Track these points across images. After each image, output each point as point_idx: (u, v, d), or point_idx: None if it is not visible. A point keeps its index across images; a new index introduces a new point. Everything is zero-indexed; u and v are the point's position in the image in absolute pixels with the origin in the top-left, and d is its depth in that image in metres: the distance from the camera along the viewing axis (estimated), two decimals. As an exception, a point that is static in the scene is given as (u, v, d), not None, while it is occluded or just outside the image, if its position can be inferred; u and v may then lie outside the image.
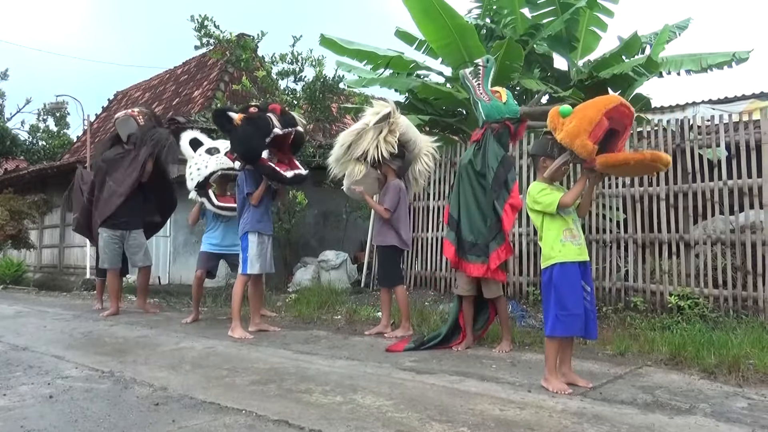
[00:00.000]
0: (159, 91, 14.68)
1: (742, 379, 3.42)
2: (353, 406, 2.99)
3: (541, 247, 3.49)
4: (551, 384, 3.25)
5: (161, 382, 3.52)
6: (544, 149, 3.47)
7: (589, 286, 3.37)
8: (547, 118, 3.42)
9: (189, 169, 6.13)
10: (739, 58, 7.19)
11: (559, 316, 3.25)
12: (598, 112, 3.14)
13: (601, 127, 3.13)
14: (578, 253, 3.35)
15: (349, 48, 8.03)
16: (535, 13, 7.86)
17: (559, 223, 3.36)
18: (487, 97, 4.44)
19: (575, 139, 3.13)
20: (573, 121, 3.16)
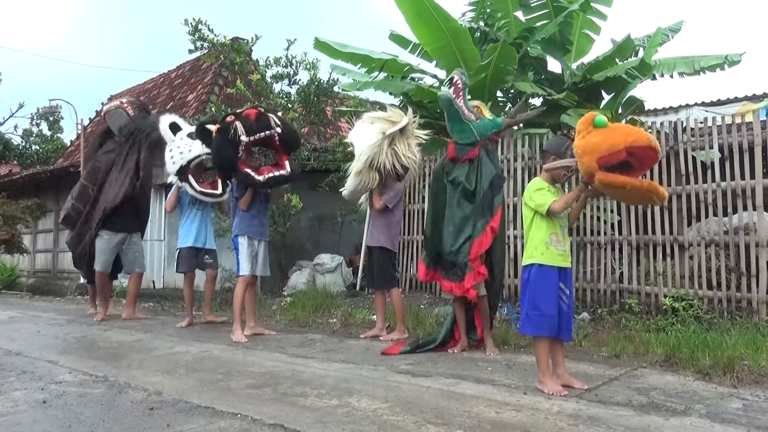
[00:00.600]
0: (153, 95, 14.64)
1: (737, 380, 3.43)
2: (349, 409, 2.98)
3: (525, 243, 3.50)
4: (546, 386, 3.25)
5: (156, 386, 3.50)
6: (557, 149, 3.47)
7: (569, 289, 3.37)
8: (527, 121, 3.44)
9: (170, 152, 6.05)
10: (732, 61, 7.23)
11: (529, 314, 3.31)
12: (622, 142, 3.07)
13: (616, 157, 3.08)
14: (561, 259, 3.36)
15: (344, 51, 8.03)
16: (529, 16, 7.88)
17: (548, 226, 3.36)
18: (475, 115, 4.44)
19: (585, 155, 3.11)
20: (598, 137, 3.10)
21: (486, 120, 4.49)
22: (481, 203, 4.41)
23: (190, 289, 6.27)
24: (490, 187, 4.43)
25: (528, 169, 6.59)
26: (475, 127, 4.42)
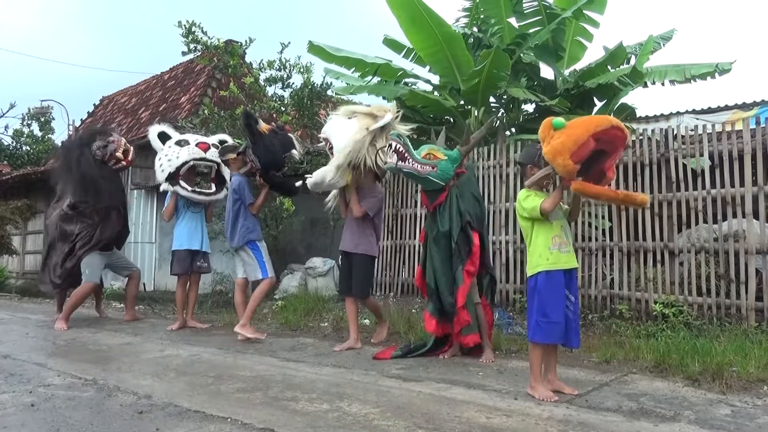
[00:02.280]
0: (146, 97, 14.59)
1: (726, 386, 3.45)
2: (339, 413, 2.98)
3: (527, 254, 3.49)
4: (537, 391, 3.27)
5: (145, 389, 3.48)
6: (531, 158, 3.52)
7: (573, 295, 3.38)
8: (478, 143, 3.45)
9: (159, 161, 6.12)
10: (722, 69, 7.30)
11: (539, 322, 3.29)
12: (585, 132, 3.10)
13: (586, 148, 3.11)
14: (566, 260, 3.36)
15: (337, 55, 8.05)
16: (522, 22, 7.93)
17: (548, 230, 3.38)
18: (431, 166, 4.35)
19: (557, 157, 3.12)
20: (561, 137, 3.14)
21: (443, 162, 4.39)
22: (458, 248, 4.39)
23: (183, 291, 6.25)
24: (462, 230, 4.40)
25: (520, 175, 6.60)
26: (435, 176, 4.38)
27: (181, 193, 6.09)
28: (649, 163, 5.69)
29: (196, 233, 6.24)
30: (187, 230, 6.21)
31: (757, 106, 10.22)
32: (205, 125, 8.79)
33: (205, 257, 6.35)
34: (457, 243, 4.39)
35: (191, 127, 8.74)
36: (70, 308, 6.35)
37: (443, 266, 4.47)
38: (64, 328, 6.06)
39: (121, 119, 14.54)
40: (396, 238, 7.77)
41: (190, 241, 6.19)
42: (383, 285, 7.78)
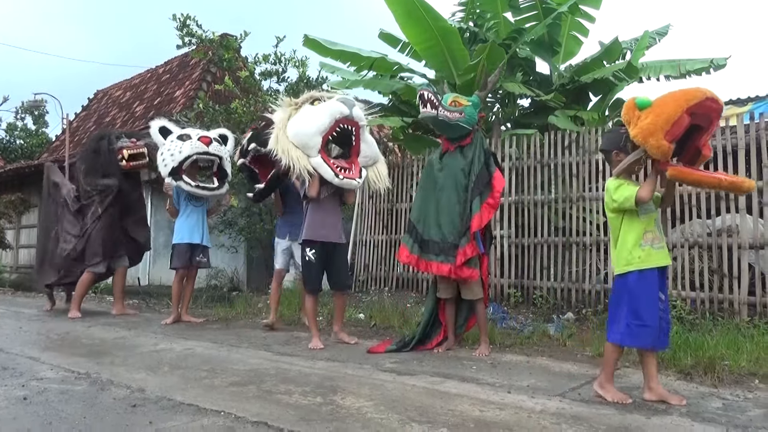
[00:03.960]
0: (140, 91, 14.53)
1: (717, 379, 3.47)
2: (333, 407, 2.98)
3: (614, 249, 3.19)
4: (608, 392, 3.05)
5: (139, 383, 3.48)
6: (616, 143, 3.19)
7: (665, 294, 3.12)
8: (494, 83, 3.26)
9: (161, 156, 6.10)
10: (717, 65, 7.32)
11: (631, 325, 3.00)
12: (678, 108, 2.82)
13: (680, 125, 2.83)
14: (660, 257, 3.08)
15: (333, 49, 8.03)
16: (518, 17, 7.92)
17: (640, 225, 3.08)
18: (458, 113, 4.47)
19: (649, 138, 2.84)
20: (649, 117, 2.86)
21: (468, 108, 4.52)
22: (478, 180, 4.44)
23: (180, 286, 6.22)
24: (485, 165, 4.49)
25: (516, 169, 6.62)
26: (463, 121, 4.49)
27: (185, 188, 6.07)
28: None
29: (197, 227, 6.23)
30: (188, 224, 6.19)
31: (752, 101, 10.24)
32: (199, 119, 8.77)
33: (205, 252, 6.34)
34: (477, 176, 4.44)
35: (186, 121, 8.71)
36: (78, 297, 6.61)
37: (449, 203, 4.47)
38: (78, 316, 6.40)
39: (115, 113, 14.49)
40: (390, 232, 7.77)
41: (191, 234, 6.18)
42: (379, 279, 7.79)
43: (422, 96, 4.50)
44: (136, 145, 6.70)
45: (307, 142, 4.60)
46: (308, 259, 4.80)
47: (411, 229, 4.70)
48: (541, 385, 3.45)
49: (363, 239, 8.09)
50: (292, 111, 4.78)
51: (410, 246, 4.63)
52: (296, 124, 4.66)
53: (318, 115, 4.63)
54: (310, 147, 4.61)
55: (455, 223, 4.44)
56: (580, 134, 6.22)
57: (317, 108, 4.71)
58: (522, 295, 6.30)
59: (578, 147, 6.18)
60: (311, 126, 4.60)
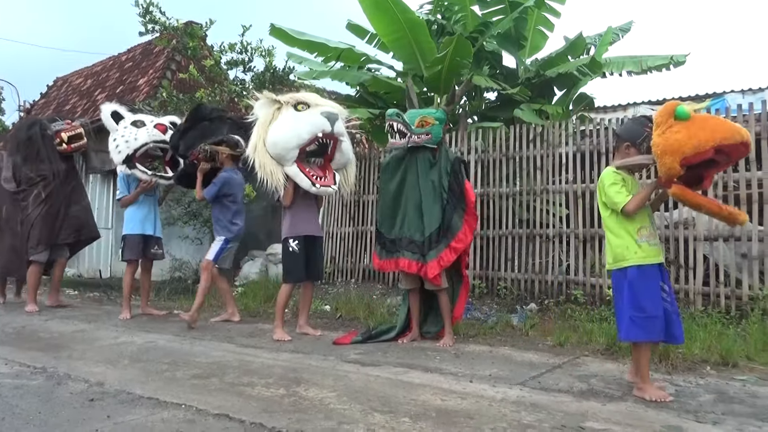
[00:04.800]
0: (102, 78, 14.14)
1: (671, 367, 3.58)
2: (296, 398, 2.97)
3: (608, 244, 3.15)
4: (647, 392, 2.95)
5: (97, 377, 3.41)
6: (633, 137, 3.07)
7: (668, 285, 3.07)
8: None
9: (114, 141, 5.90)
10: (677, 62, 7.48)
11: (634, 318, 2.94)
12: (710, 140, 2.70)
13: (702, 157, 2.75)
14: (656, 254, 3.04)
15: (300, 39, 7.94)
16: (485, 10, 7.96)
17: (633, 221, 3.03)
18: (425, 134, 4.58)
19: (667, 155, 2.76)
20: (680, 134, 2.74)
21: (435, 126, 4.62)
22: (451, 193, 4.55)
23: (132, 278, 6.03)
24: (453, 175, 4.59)
25: (481, 161, 6.68)
26: (430, 142, 4.63)
27: (140, 177, 5.92)
28: (606, 152, 5.81)
29: (149, 217, 6.07)
30: (140, 214, 6.02)
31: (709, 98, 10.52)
32: (163, 108, 8.59)
33: (159, 243, 6.20)
34: (449, 190, 4.55)
35: (149, 110, 8.52)
36: (32, 289, 6.34)
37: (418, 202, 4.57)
38: (36, 309, 6.15)
39: (75, 101, 14.10)
40: (357, 224, 7.76)
41: (143, 225, 6.01)
42: (345, 271, 7.79)
43: (391, 126, 4.59)
44: (73, 126, 6.44)
45: (284, 155, 4.61)
46: (292, 250, 4.81)
47: (378, 236, 4.82)
48: (503, 374, 3.51)
49: (330, 231, 8.06)
50: (275, 112, 4.72)
51: (379, 251, 4.76)
52: (276, 134, 4.61)
53: (299, 129, 4.59)
54: (286, 159, 4.63)
55: (430, 225, 4.51)
56: (545, 128, 6.30)
57: (300, 119, 4.62)
58: (486, 286, 6.37)
59: (542, 140, 6.26)
60: (291, 140, 4.58)
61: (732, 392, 3.10)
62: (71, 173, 6.61)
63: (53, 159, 6.38)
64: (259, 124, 4.71)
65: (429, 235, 4.49)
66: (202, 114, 5.66)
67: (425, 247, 4.48)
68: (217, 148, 5.47)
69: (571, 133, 6.13)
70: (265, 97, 4.81)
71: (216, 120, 5.63)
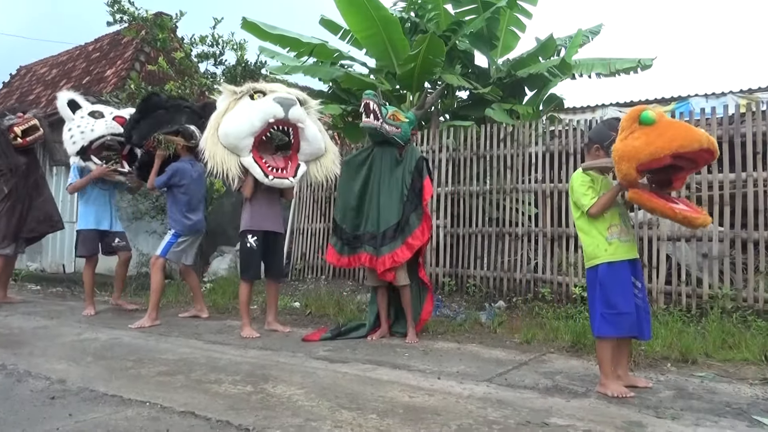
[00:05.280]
0: (68, 68, 13.78)
1: (634, 364, 3.66)
2: (263, 395, 2.96)
3: (583, 242, 3.18)
4: (609, 388, 2.99)
5: (59, 374, 3.34)
6: (602, 139, 3.14)
7: (640, 282, 3.11)
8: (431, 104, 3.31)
9: (70, 131, 5.72)
10: (644, 65, 7.65)
11: (605, 315, 2.99)
12: (665, 149, 2.73)
13: (657, 163, 2.79)
14: (627, 250, 3.07)
15: (272, 33, 7.88)
16: (458, 10, 8.02)
17: (605, 219, 3.08)
18: (395, 127, 4.65)
19: (623, 162, 2.81)
20: (639, 140, 2.78)
21: (404, 124, 4.72)
22: (411, 192, 4.58)
23: (91, 273, 5.87)
24: (418, 173, 4.63)
25: (452, 160, 6.72)
26: (398, 136, 4.68)
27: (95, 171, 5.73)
28: (574, 152, 5.90)
29: (105, 212, 5.89)
30: (95, 209, 5.84)
31: (675, 101, 10.78)
32: (131, 100, 8.42)
33: (121, 236, 6.02)
34: (410, 187, 4.59)
35: (117, 102, 8.35)
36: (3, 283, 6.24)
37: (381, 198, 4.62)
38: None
39: (39, 91, 13.71)
40: (329, 221, 7.74)
41: (98, 220, 5.84)
42: (315, 268, 7.76)
43: (367, 106, 4.55)
44: (25, 119, 6.21)
45: (237, 144, 4.53)
46: (250, 246, 4.74)
47: (336, 229, 4.79)
48: (470, 371, 3.54)
49: (300, 227, 8.03)
50: (231, 103, 4.65)
51: (339, 248, 4.73)
52: (228, 124, 4.55)
53: (250, 116, 4.51)
54: (240, 148, 4.54)
55: (387, 220, 4.55)
56: (516, 127, 6.37)
57: (252, 107, 4.56)
58: (456, 284, 6.43)
59: (513, 140, 6.34)
60: (242, 128, 4.51)
61: (691, 388, 3.19)
62: (32, 166, 6.41)
63: (9, 154, 6.17)
64: (213, 115, 4.66)
65: (384, 230, 4.53)
66: (154, 103, 5.49)
67: (378, 240, 4.52)
68: (171, 138, 5.37)
69: (540, 133, 6.21)
70: (225, 88, 4.76)
71: (172, 109, 5.49)
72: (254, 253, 4.74)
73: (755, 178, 5.01)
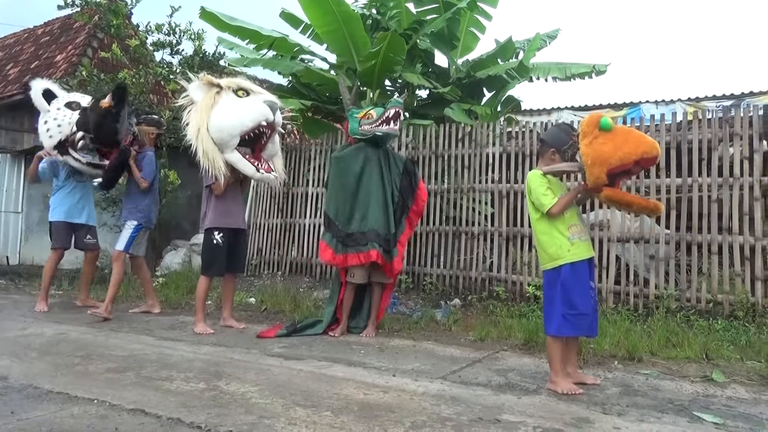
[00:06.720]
0: (15, 52, 13.21)
1: (583, 361, 3.76)
2: (216, 393, 2.91)
3: (538, 243, 3.25)
4: (559, 386, 3.07)
5: (1, 371, 3.21)
6: (559, 144, 3.22)
7: (594, 283, 3.22)
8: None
9: (45, 124, 5.43)
10: (599, 71, 7.86)
11: (566, 315, 3.05)
12: (632, 154, 2.91)
13: (625, 167, 2.96)
14: (587, 249, 3.15)
15: (231, 24, 7.73)
16: (420, 9, 8.05)
17: (565, 219, 3.15)
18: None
19: (596, 166, 2.92)
20: (607, 146, 2.91)
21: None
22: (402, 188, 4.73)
23: (53, 266, 5.61)
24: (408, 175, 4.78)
25: (411, 158, 6.75)
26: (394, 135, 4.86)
27: (73, 165, 5.46)
28: (530, 154, 6.02)
29: (80, 205, 5.65)
30: (69, 201, 5.58)
31: (627, 107, 11.13)
32: (82, 87, 8.13)
33: (92, 231, 5.75)
34: (401, 189, 4.73)
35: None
36: None
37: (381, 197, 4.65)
38: None
39: (-16, 74, 13.10)
40: (286, 216, 7.68)
41: (70, 213, 5.58)
42: (272, 263, 7.68)
43: (398, 114, 4.64)
44: None
45: (227, 141, 4.48)
46: (216, 242, 4.69)
47: (330, 225, 4.71)
48: (425, 368, 3.58)
49: (257, 222, 7.93)
50: (215, 95, 4.54)
51: (335, 246, 4.64)
52: (220, 119, 4.46)
53: (244, 115, 4.48)
54: (229, 145, 4.50)
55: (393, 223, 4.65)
56: (474, 128, 6.45)
57: (243, 105, 4.51)
58: (413, 282, 6.47)
59: (471, 140, 6.41)
60: (235, 125, 4.46)
61: (636, 385, 3.30)
62: None
63: None
64: (199, 108, 4.51)
65: (394, 232, 4.63)
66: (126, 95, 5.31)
67: (390, 243, 4.59)
68: (146, 128, 5.26)
69: (498, 134, 6.31)
70: (202, 79, 4.63)
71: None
72: (220, 249, 4.70)
73: (700, 183, 5.22)
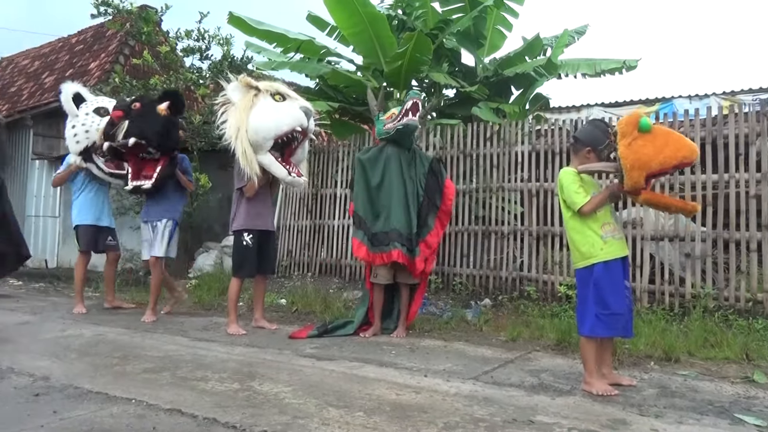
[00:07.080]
0: (50, 61, 13.59)
1: (618, 362, 3.70)
2: (250, 393, 2.95)
3: (571, 241, 3.19)
4: (594, 387, 3.02)
5: (43, 371, 3.30)
6: (596, 143, 3.11)
7: (627, 281, 3.14)
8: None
9: (73, 129, 5.49)
10: (629, 66, 7.73)
11: (600, 315, 3.00)
12: (673, 158, 2.82)
13: (665, 171, 2.94)
14: (621, 248, 3.10)
15: (259, 29, 7.83)
16: (446, 8, 8.03)
17: (598, 218, 3.09)
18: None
19: (636, 170, 2.83)
20: (648, 149, 2.82)
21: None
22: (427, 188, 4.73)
23: (83, 269, 5.76)
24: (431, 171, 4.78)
25: (440, 158, 6.73)
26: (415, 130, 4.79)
27: (96, 173, 5.59)
28: (560, 152, 5.95)
29: (104, 208, 5.82)
30: (94, 204, 5.73)
31: (659, 102, 10.92)
32: (116, 94, 8.32)
33: (113, 234, 5.93)
34: (426, 187, 4.73)
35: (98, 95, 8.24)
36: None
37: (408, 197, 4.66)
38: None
39: (22, 83, 13.51)
40: (315, 218, 7.73)
41: (97, 216, 5.74)
42: (302, 265, 7.74)
43: (416, 105, 4.60)
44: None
45: (262, 144, 4.55)
46: (246, 244, 4.74)
47: (361, 224, 4.73)
48: (457, 368, 3.56)
49: (287, 224, 8.00)
50: (252, 97, 4.59)
51: (367, 243, 4.66)
52: (258, 121, 4.51)
53: (281, 119, 4.54)
54: (263, 147, 4.56)
55: (415, 222, 4.63)
56: (502, 126, 6.40)
57: (280, 109, 4.57)
58: (442, 282, 6.45)
59: (499, 139, 6.37)
60: (271, 129, 4.52)
61: (674, 387, 3.23)
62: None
63: None
64: (238, 109, 4.56)
65: (417, 231, 4.61)
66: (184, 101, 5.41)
67: (413, 242, 4.58)
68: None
69: (527, 132, 6.25)
70: (241, 81, 4.68)
71: None
72: (251, 251, 4.74)
73: (737, 179, 5.08)
